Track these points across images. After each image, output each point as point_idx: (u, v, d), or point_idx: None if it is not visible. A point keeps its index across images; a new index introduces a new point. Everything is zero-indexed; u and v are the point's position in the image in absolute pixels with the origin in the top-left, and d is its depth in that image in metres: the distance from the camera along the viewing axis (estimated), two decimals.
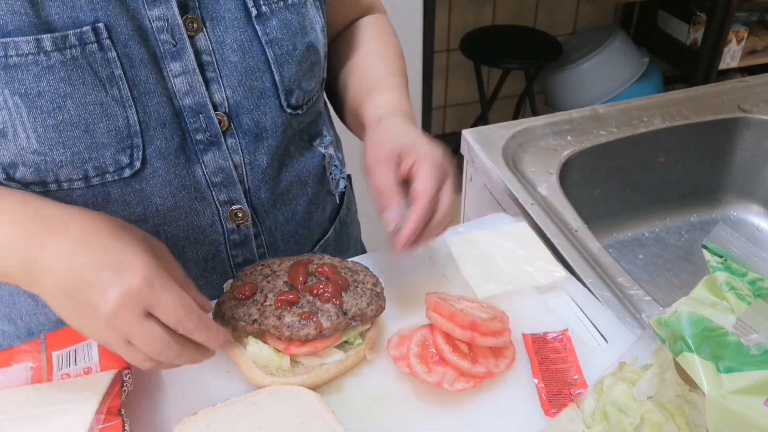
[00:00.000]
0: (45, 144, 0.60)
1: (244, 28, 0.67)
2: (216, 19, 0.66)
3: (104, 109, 0.61)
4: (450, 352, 0.65)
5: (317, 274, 0.68)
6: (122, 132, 0.63)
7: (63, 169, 0.62)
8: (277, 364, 0.64)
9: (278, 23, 0.69)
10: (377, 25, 0.89)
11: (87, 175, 0.64)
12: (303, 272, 0.68)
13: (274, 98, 0.71)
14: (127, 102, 0.62)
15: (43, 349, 0.66)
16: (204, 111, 0.67)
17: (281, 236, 0.79)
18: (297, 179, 0.78)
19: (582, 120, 1.14)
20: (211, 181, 0.70)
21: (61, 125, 0.60)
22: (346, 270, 0.70)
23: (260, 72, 0.69)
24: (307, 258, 0.71)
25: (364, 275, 0.70)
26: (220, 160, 0.70)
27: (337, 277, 0.68)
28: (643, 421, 0.58)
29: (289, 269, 0.69)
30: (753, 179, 1.19)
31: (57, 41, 0.58)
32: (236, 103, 0.68)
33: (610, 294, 0.79)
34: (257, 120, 0.70)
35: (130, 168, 0.65)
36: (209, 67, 0.66)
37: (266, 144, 0.72)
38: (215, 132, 0.68)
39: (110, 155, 0.63)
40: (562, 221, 0.92)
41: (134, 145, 0.64)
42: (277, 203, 0.77)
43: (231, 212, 0.73)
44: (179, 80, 0.65)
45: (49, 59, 0.58)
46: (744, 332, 0.56)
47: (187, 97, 0.66)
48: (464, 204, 1.21)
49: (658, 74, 2.84)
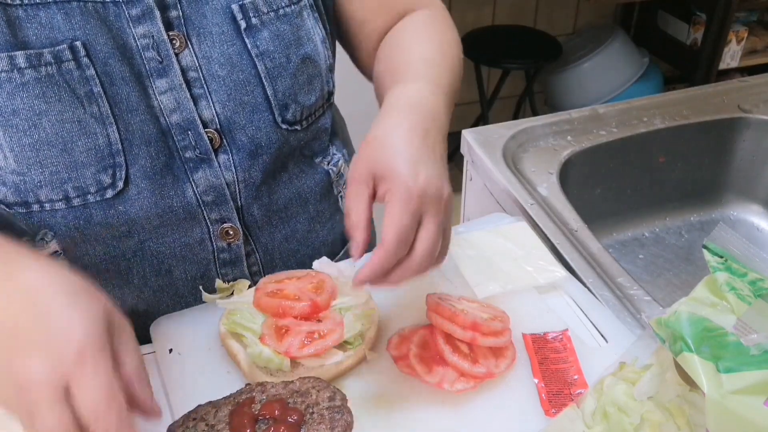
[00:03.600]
0: (22, 164, 0.59)
1: (232, 41, 0.65)
2: (202, 35, 0.64)
3: (82, 126, 0.60)
4: (450, 352, 0.65)
5: (263, 416, 0.57)
6: (103, 150, 0.61)
7: (42, 189, 0.61)
8: (277, 365, 0.64)
9: (269, 35, 0.67)
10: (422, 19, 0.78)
11: (68, 196, 0.62)
12: (249, 422, 0.56)
13: (268, 113, 0.68)
14: (108, 119, 0.61)
15: None
16: (192, 128, 0.65)
17: (279, 255, 0.77)
18: (296, 196, 0.75)
19: (582, 120, 1.14)
20: (203, 200, 0.68)
21: (38, 144, 0.59)
22: (295, 397, 0.59)
23: (251, 86, 0.67)
24: (246, 398, 0.59)
25: (317, 393, 0.59)
26: (212, 178, 0.68)
27: (287, 413, 0.57)
28: (643, 421, 0.58)
29: (230, 419, 0.57)
30: (753, 179, 1.19)
31: (31, 58, 0.57)
32: (227, 118, 0.66)
33: (610, 294, 0.79)
34: (251, 136, 0.68)
35: (113, 188, 0.63)
36: (196, 83, 0.65)
37: (261, 160, 0.70)
38: (205, 149, 0.66)
39: (91, 175, 0.62)
40: (562, 221, 0.92)
41: (116, 164, 0.62)
42: (272, 221, 0.74)
43: (222, 230, 0.71)
44: (165, 97, 0.64)
45: (22, 76, 0.57)
46: (744, 332, 0.56)
47: (174, 114, 0.64)
48: (464, 204, 1.21)
49: (658, 74, 2.84)
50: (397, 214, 0.54)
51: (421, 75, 0.67)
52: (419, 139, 0.59)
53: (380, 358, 0.69)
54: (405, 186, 0.55)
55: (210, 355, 0.69)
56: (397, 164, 0.56)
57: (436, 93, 0.65)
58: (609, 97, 2.73)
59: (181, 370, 0.68)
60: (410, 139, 0.59)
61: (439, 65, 0.70)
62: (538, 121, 1.12)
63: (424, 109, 0.62)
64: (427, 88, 0.65)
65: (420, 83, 0.66)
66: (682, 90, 1.22)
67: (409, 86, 0.65)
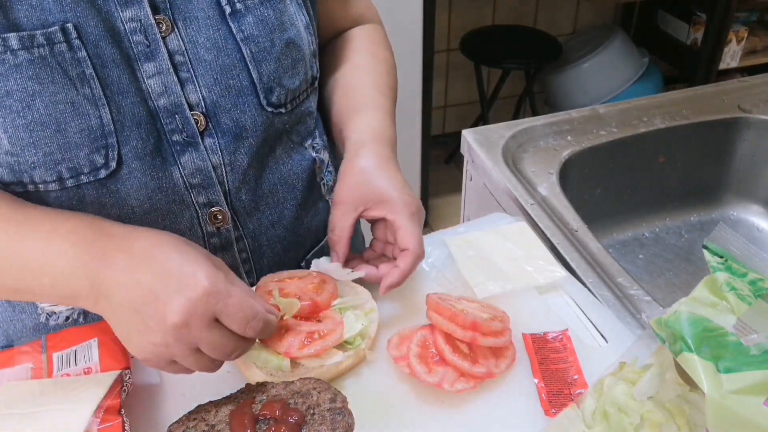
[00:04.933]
0: (16, 144, 0.60)
1: (217, 26, 0.66)
2: (188, 19, 0.65)
3: (75, 108, 0.61)
4: (450, 352, 0.65)
5: (264, 416, 0.57)
6: (96, 131, 0.62)
7: (36, 170, 0.62)
8: (276, 365, 0.64)
9: (254, 20, 0.68)
10: (369, 37, 0.87)
11: (61, 177, 0.63)
12: (249, 422, 0.56)
13: (253, 96, 0.70)
14: (100, 101, 0.61)
15: (43, 350, 0.66)
16: (180, 111, 0.66)
17: (267, 240, 0.78)
18: (283, 181, 0.77)
19: (582, 120, 1.14)
20: (189, 182, 0.69)
21: (31, 125, 0.59)
22: (296, 397, 0.59)
23: (236, 70, 0.68)
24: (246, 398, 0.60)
25: (317, 394, 0.59)
26: (198, 161, 0.68)
27: (287, 413, 0.57)
28: (643, 421, 0.58)
29: (230, 419, 0.57)
30: (753, 179, 1.19)
31: (24, 40, 0.58)
32: (213, 102, 0.68)
33: (610, 294, 0.79)
34: (236, 119, 0.69)
35: (106, 168, 0.64)
36: (183, 67, 0.66)
37: (246, 144, 0.71)
38: (192, 132, 0.67)
39: (84, 155, 0.62)
40: (562, 221, 0.92)
41: (109, 144, 0.63)
42: (260, 206, 0.75)
43: (210, 214, 0.72)
44: (153, 81, 0.64)
45: (16, 58, 0.58)
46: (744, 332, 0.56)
47: (162, 97, 0.65)
48: (464, 204, 1.21)
49: (658, 74, 2.84)
50: (411, 227, 0.69)
51: (378, 104, 0.79)
52: (394, 166, 0.74)
53: (380, 358, 0.69)
54: (407, 206, 0.70)
55: None
56: (394, 192, 0.70)
57: (388, 120, 0.79)
58: (609, 97, 2.74)
59: None
60: (390, 168, 0.73)
61: (389, 91, 0.83)
62: (538, 121, 1.12)
63: (387, 139, 0.76)
64: (384, 119, 0.78)
65: (378, 112, 0.78)
66: (682, 90, 1.22)
67: (369, 118, 0.77)
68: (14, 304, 0.72)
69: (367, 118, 0.77)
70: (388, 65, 0.86)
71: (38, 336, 0.71)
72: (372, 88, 0.81)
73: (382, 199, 0.70)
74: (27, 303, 0.72)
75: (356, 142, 0.75)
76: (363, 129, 0.76)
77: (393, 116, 0.81)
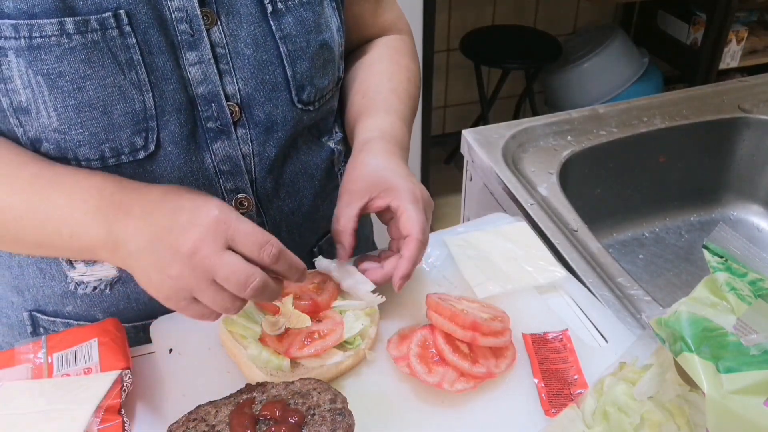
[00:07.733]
0: (65, 123, 0.63)
1: (258, 23, 0.69)
2: (231, 14, 0.68)
3: (122, 91, 0.63)
4: (450, 352, 0.65)
5: (264, 417, 0.57)
6: (138, 115, 0.65)
7: (81, 148, 0.65)
8: (276, 365, 0.64)
9: (293, 20, 0.71)
10: (395, 46, 0.89)
11: (103, 156, 0.66)
12: (249, 422, 0.56)
13: (286, 92, 0.72)
14: (144, 86, 0.64)
15: (44, 350, 0.66)
16: (216, 100, 0.69)
17: (286, 227, 0.80)
18: (303, 171, 0.79)
19: (582, 120, 1.14)
20: (219, 169, 0.72)
21: (80, 105, 0.62)
22: (296, 398, 0.59)
23: (273, 66, 0.71)
24: (246, 398, 0.59)
25: (317, 395, 0.59)
26: (229, 149, 0.71)
27: (287, 413, 0.57)
28: (643, 421, 0.58)
29: (230, 420, 0.57)
30: (753, 179, 1.19)
31: (79, 25, 0.60)
32: (248, 95, 0.70)
33: (610, 294, 0.79)
34: (269, 112, 0.72)
35: (145, 150, 0.67)
36: (222, 59, 0.68)
37: (275, 136, 0.74)
38: (226, 121, 0.70)
39: (126, 137, 0.65)
40: (562, 221, 0.92)
41: (149, 128, 0.66)
42: (281, 194, 0.78)
43: (236, 200, 0.75)
44: (194, 69, 0.67)
45: (70, 41, 0.60)
46: (744, 332, 0.56)
47: (201, 86, 0.68)
48: (464, 204, 1.21)
49: (658, 74, 2.84)
50: (414, 212, 0.68)
51: (393, 108, 0.81)
52: (400, 159, 0.75)
53: (380, 358, 0.69)
54: (412, 193, 0.70)
55: (210, 355, 0.69)
56: (399, 179, 0.71)
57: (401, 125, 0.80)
58: (609, 97, 2.73)
59: (181, 370, 0.68)
60: (397, 161, 0.74)
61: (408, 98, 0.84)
62: (538, 121, 1.12)
63: (395, 138, 0.77)
64: (396, 123, 0.79)
65: (391, 116, 0.80)
66: (682, 90, 1.22)
67: (381, 120, 0.79)
68: (44, 270, 0.74)
69: (378, 120, 0.79)
70: (410, 74, 0.87)
71: (66, 304, 0.75)
72: (390, 92, 0.82)
73: (387, 186, 0.71)
74: (57, 271, 0.74)
75: (364, 139, 0.77)
76: (372, 128, 0.78)
77: (408, 122, 0.82)
